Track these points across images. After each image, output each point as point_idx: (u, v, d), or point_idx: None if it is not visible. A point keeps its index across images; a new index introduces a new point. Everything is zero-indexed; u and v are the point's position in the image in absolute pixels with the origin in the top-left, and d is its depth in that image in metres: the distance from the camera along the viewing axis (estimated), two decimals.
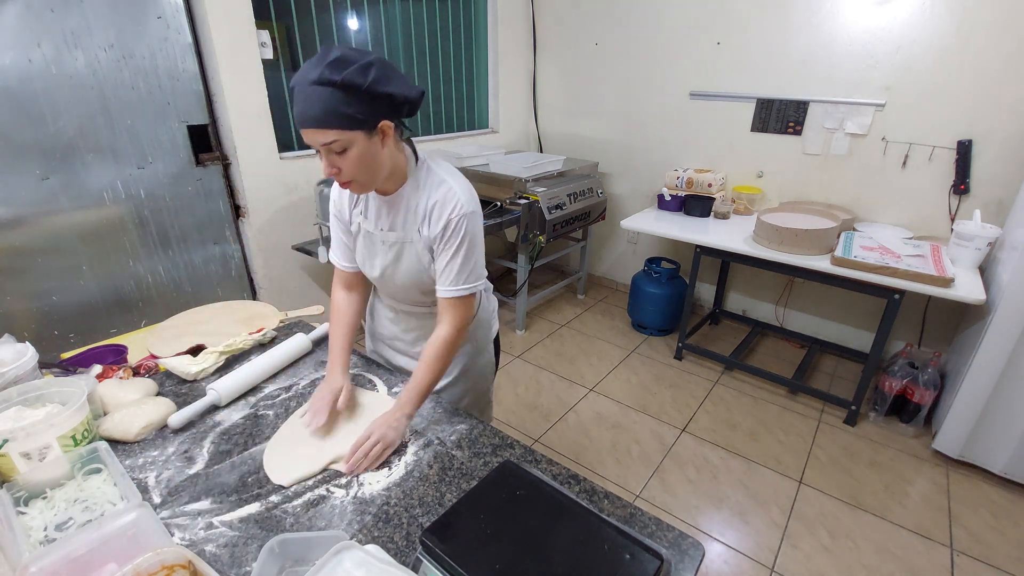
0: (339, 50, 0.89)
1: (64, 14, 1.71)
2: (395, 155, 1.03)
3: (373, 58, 0.90)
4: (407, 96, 0.96)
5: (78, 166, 1.85)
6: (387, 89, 0.92)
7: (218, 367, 1.27)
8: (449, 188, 1.07)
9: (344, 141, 0.93)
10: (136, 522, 0.77)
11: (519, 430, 2.32)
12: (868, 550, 1.76)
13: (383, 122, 0.95)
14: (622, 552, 0.68)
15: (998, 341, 1.87)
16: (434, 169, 1.10)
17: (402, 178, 1.09)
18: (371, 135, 0.95)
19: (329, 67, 0.87)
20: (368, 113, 0.92)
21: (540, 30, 3.49)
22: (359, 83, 0.88)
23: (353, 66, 0.87)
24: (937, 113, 2.32)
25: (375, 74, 0.89)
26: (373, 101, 0.91)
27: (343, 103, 0.89)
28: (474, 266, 1.11)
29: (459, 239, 1.06)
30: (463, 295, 1.10)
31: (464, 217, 1.06)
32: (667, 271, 3.04)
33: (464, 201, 1.06)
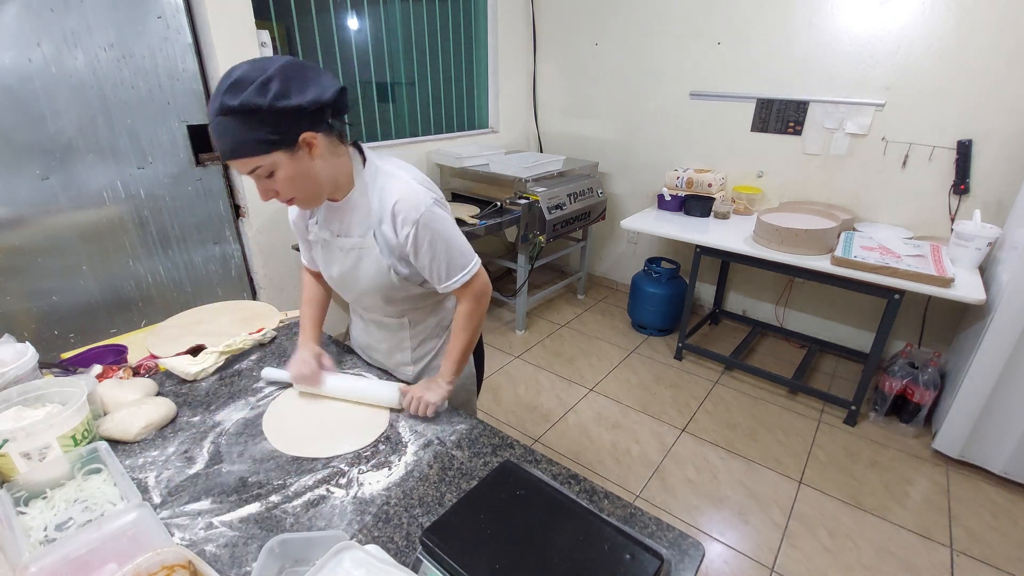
0: (237, 71, 0.83)
1: (64, 14, 1.71)
2: (334, 163, 0.97)
3: (273, 70, 0.82)
4: (320, 100, 0.87)
5: (78, 166, 1.84)
6: (293, 102, 0.84)
7: (218, 367, 1.27)
8: (402, 187, 1.01)
9: (267, 166, 0.88)
10: (136, 522, 0.77)
11: (519, 430, 2.32)
12: (868, 550, 1.76)
13: (303, 135, 0.88)
14: (622, 552, 0.68)
15: (998, 341, 1.87)
16: (382, 168, 1.04)
17: (349, 183, 1.03)
18: (294, 152, 0.88)
19: (227, 94, 0.81)
20: (280, 132, 0.85)
21: (540, 30, 3.49)
22: (259, 104, 0.81)
23: (251, 87, 0.81)
24: (937, 113, 2.32)
25: (276, 89, 0.82)
26: (281, 118, 0.84)
27: (249, 129, 0.83)
28: (458, 253, 1.07)
29: (431, 240, 1.02)
30: (461, 284, 1.08)
31: (424, 216, 0.99)
32: (667, 271, 3.04)
33: (420, 200, 1.00)
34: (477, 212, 2.81)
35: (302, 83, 0.85)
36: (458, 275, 1.07)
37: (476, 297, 1.12)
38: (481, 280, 1.12)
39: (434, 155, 3.10)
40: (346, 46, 2.63)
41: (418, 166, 3.08)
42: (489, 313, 3.36)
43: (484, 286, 1.13)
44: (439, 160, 3.08)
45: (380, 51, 2.78)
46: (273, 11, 2.29)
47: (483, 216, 2.78)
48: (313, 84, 0.87)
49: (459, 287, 1.08)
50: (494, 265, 3.69)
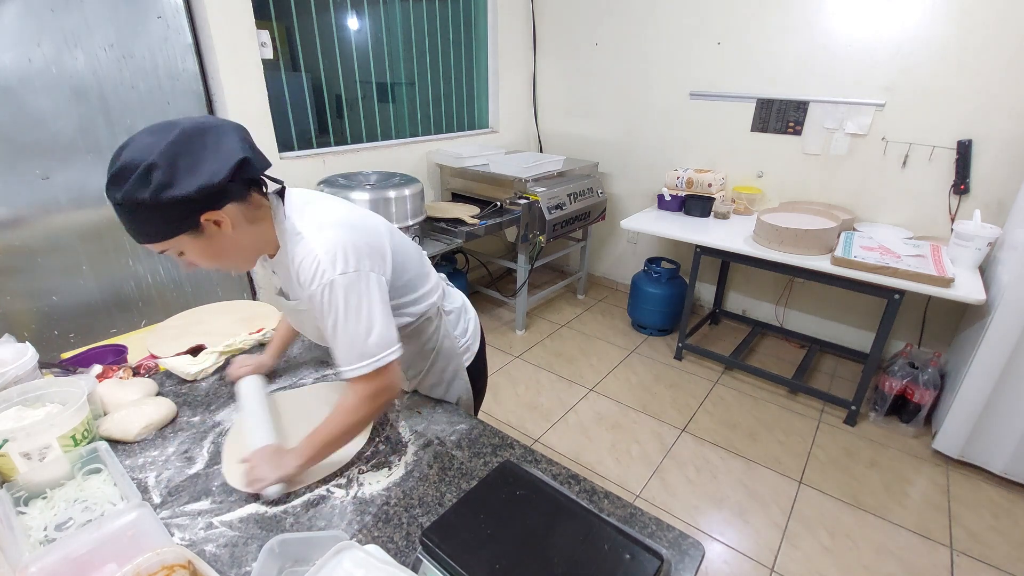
0: (124, 153, 0.74)
1: (64, 14, 1.71)
2: (252, 229, 0.87)
3: (156, 154, 0.72)
4: (211, 185, 0.75)
5: (78, 166, 1.84)
6: (178, 192, 0.73)
7: (218, 367, 1.27)
8: (306, 252, 0.86)
9: (173, 249, 0.82)
10: (136, 522, 0.77)
11: (519, 430, 2.32)
12: (868, 550, 1.76)
13: (204, 215, 0.78)
14: (622, 552, 0.68)
15: (998, 341, 1.87)
16: (296, 227, 0.89)
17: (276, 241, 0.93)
18: (198, 233, 0.80)
19: (111, 185, 0.74)
20: (173, 220, 0.77)
21: (540, 30, 3.49)
22: (142, 199, 0.72)
23: (131, 177, 0.72)
24: (937, 113, 2.32)
25: (159, 179, 0.72)
26: (170, 209, 0.74)
27: (139, 222, 0.76)
28: (359, 338, 0.88)
29: (330, 311, 0.86)
30: (358, 375, 0.89)
31: (327, 286, 0.85)
32: (667, 271, 3.04)
33: (324, 265, 0.84)
34: (477, 212, 2.81)
35: (192, 164, 0.75)
36: (357, 363, 0.89)
37: (369, 395, 0.92)
38: (384, 380, 0.92)
39: (434, 155, 3.10)
40: (346, 46, 2.63)
41: (418, 166, 3.12)
42: (489, 313, 3.36)
43: (383, 387, 0.92)
44: (439, 160, 3.08)
45: (380, 51, 2.78)
46: (273, 11, 2.29)
47: (483, 216, 2.78)
48: (205, 163, 0.75)
49: (354, 377, 0.90)
50: (494, 265, 3.70)
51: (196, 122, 0.78)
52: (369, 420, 0.97)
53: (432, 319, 1.13)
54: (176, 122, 0.77)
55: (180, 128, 0.76)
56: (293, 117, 2.47)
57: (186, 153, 0.75)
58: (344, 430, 0.93)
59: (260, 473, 0.88)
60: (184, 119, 0.78)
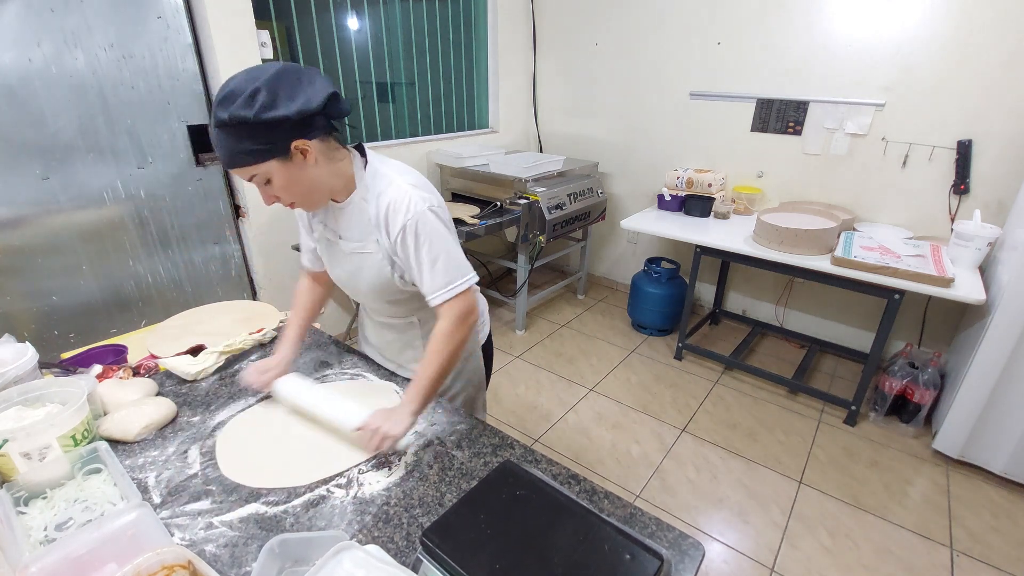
0: (231, 82, 0.84)
1: (64, 14, 1.71)
2: (331, 168, 0.97)
3: (261, 81, 0.83)
4: (307, 109, 0.86)
5: (78, 166, 1.84)
6: (279, 112, 0.84)
7: (218, 367, 1.27)
8: (397, 190, 0.99)
9: (262, 174, 0.90)
10: (136, 522, 0.77)
11: (519, 430, 2.32)
12: (868, 550, 1.76)
13: (295, 143, 0.88)
14: (622, 552, 0.68)
15: (998, 341, 1.87)
16: (380, 171, 1.03)
17: (351, 186, 1.03)
18: (287, 160, 0.90)
19: (219, 106, 0.83)
20: (269, 142, 0.86)
21: (540, 30, 3.49)
22: (245, 116, 0.82)
23: (239, 99, 0.82)
24: (937, 113, 2.32)
25: (263, 100, 0.82)
26: (269, 129, 0.85)
27: (239, 140, 0.85)
28: (449, 263, 1.01)
29: (420, 242, 0.99)
30: (450, 297, 1.02)
31: (417, 218, 0.98)
32: (667, 271, 3.04)
33: (413, 201, 0.98)
34: (477, 212, 2.81)
35: (291, 92, 0.85)
36: (444, 287, 1.01)
37: (459, 317, 1.03)
38: (469, 300, 1.04)
39: (434, 155, 3.10)
40: (346, 46, 2.63)
41: (418, 166, 3.12)
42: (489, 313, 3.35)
43: (470, 307, 1.04)
44: (439, 160, 3.08)
45: (380, 51, 2.78)
46: (273, 11, 2.29)
47: (483, 216, 2.78)
48: (302, 92, 0.86)
49: (444, 301, 1.02)
50: (494, 265, 3.69)
51: (292, 64, 0.89)
52: (465, 343, 1.05)
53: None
54: (276, 63, 0.87)
55: (281, 65, 0.87)
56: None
57: (285, 85, 0.85)
58: (447, 359, 1.03)
59: (388, 431, 0.94)
60: (280, 62, 0.88)
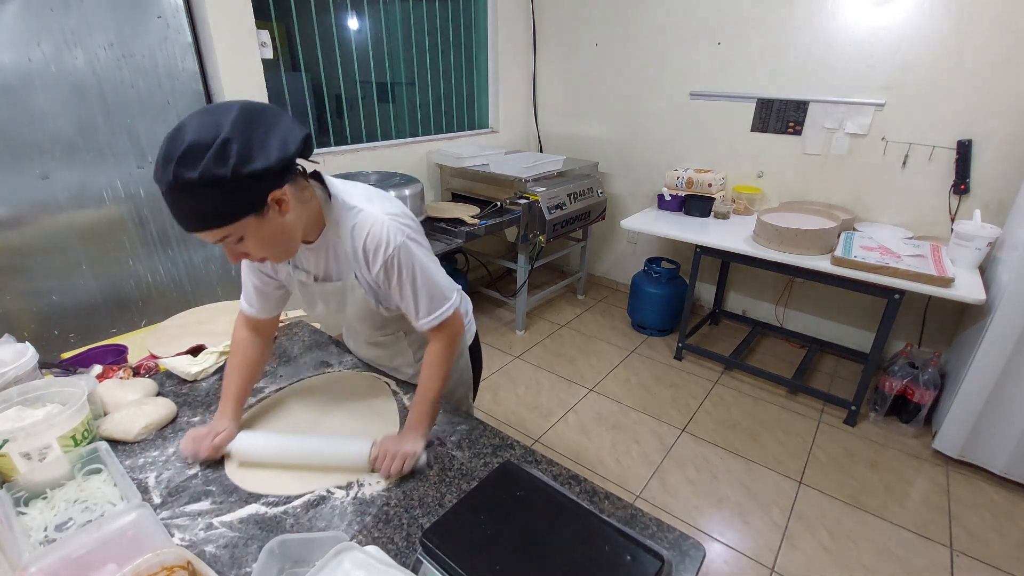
0: (187, 132, 0.72)
1: (64, 13, 1.71)
2: (303, 210, 0.90)
3: (228, 130, 0.72)
4: (287, 155, 0.78)
5: (78, 166, 1.84)
6: (259, 164, 0.74)
7: (219, 367, 1.27)
8: (372, 222, 0.93)
9: (235, 234, 0.80)
10: (136, 522, 0.77)
11: (519, 430, 2.32)
12: (868, 550, 1.76)
13: (272, 194, 0.79)
14: (623, 553, 0.68)
15: (998, 341, 1.87)
16: (349, 204, 0.95)
17: (321, 222, 0.96)
18: (263, 214, 0.80)
19: (181, 164, 0.71)
20: (247, 199, 0.77)
21: (540, 30, 3.49)
22: (222, 174, 0.72)
23: (207, 154, 0.71)
24: (937, 113, 2.32)
25: (237, 153, 0.72)
26: (247, 185, 0.75)
27: (207, 201, 0.74)
28: (434, 291, 1.01)
29: (403, 275, 0.96)
30: (439, 322, 1.02)
31: (397, 250, 0.94)
32: (667, 271, 3.04)
33: (392, 233, 0.93)
34: (477, 212, 2.81)
35: (264, 137, 0.76)
36: (432, 315, 1.01)
37: (450, 339, 1.05)
38: (456, 320, 1.06)
39: (434, 155, 3.10)
40: (346, 46, 2.62)
41: (418, 166, 3.12)
42: (489, 313, 3.36)
43: (458, 327, 1.07)
44: (439, 160, 3.08)
45: (380, 51, 2.78)
46: (273, 11, 2.29)
47: (483, 216, 2.78)
48: (275, 136, 0.78)
49: (435, 326, 1.02)
50: (494, 265, 3.69)
51: (249, 102, 0.80)
52: (456, 356, 1.11)
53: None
54: (231, 102, 0.78)
55: (240, 106, 0.77)
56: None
57: (256, 130, 0.76)
58: (445, 377, 1.06)
59: (407, 449, 0.95)
60: (233, 101, 0.79)
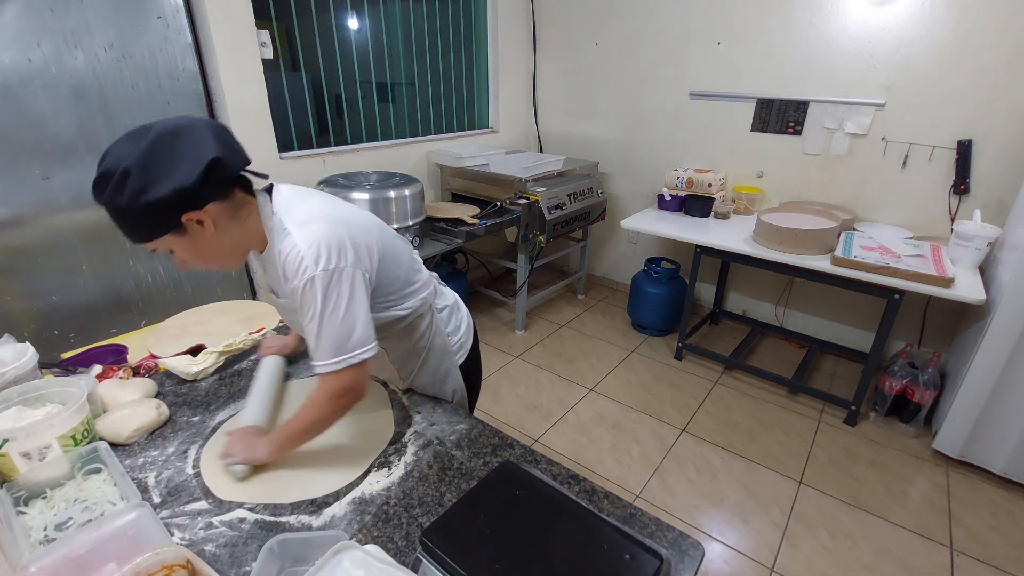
0: (105, 158, 0.77)
1: (64, 14, 1.71)
2: (238, 227, 0.88)
3: (131, 159, 0.74)
4: (183, 187, 0.76)
5: (78, 166, 1.84)
6: (151, 197, 0.75)
7: (218, 367, 1.27)
8: (291, 248, 0.87)
9: (162, 247, 0.84)
10: (136, 522, 0.77)
11: (519, 430, 2.32)
12: (868, 550, 1.76)
13: (185, 215, 0.80)
14: (622, 552, 0.68)
15: (998, 341, 1.87)
16: (283, 224, 0.90)
17: (265, 237, 0.93)
18: (182, 233, 0.82)
19: (95, 189, 0.77)
20: (156, 222, 0.80)
21: (540, 30, 3.49)
22: (120, 204, 0.75)
23: (111, 183, 0.75)
24: (937, 113, 2.32)
25: (133, 185, 0.74)
26: (149, 212, 0.77)
27: (124, 223, 0.79)
28: (340, 332, 0.89)
29: (311, 306, 0.87)
30: (328, 371, 0.90)
31: (309, 281, 0.86)
32: (667, 271, 3.04)
33: (307, 260, 0.85)
34: (477, 212, 2.81)
35: (167, 167, 0.76)
36: (327, 359, 0.90)
37: (333, 394, 0.93)
38: (353, 377, 0.92)
39: (434, 155, 3.10)
40: (346, 46, 2.63)
41: (418, 166, 3.12)
42: (489, 313, 3.36)
43: (348, 386, 0.93)
44: (439, 160, 3.08)
45: (380, 51, 2.78)
46: (273, 11, 2.29)
47: (483, 216, 2.78)
48: (178, 167, 0.77)
49: (323, 372, 0.91)
50: (494, 265, 3.70)
51: (170, 125, 0.79)
52: (333, 419, 0.97)
53: (424, 316, 1.13)
54: (151, 127, 0.78)
55: (154, 133, 0.77)
56: (293, 117, 2.48)
57: (159, 158, 0.76)
58: (309, 425, 0.96)
59: (232, 450, 0.95)
60: (159, 122, 0.79)
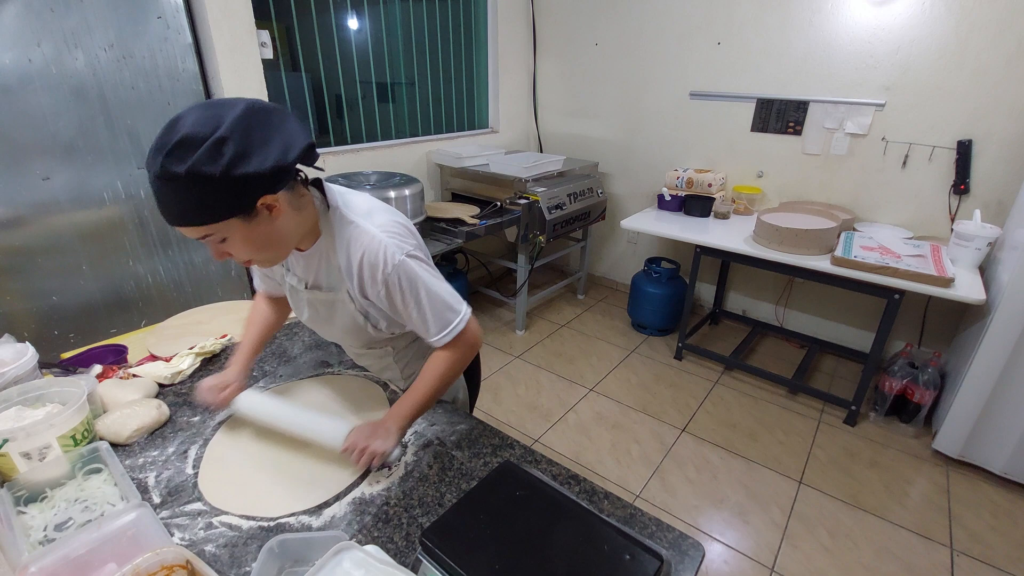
0: (185, 123, 0.69)
1: (64, 14, 1.71)
2: (297, 218, 0.86)
3: (226, 127, 0.69)
4: (284, 163, 0.74)
5: (78, 166, 1.84)
6: (253, 167, 0.71)
7: (194, 369, 1.26)
8: (369, 239, 0.89)
9: (218, 233, 0.77)
10: (136, 522, 0.77)
11: (519, 430, 2.32)
12: (868, 550, 1.76)
13: (263, 199, 0.76)
14: (622, 553, 0.68)
15: (998, 341, 1.87)
16: (347, 218, 0.91)
17: (316, 232, 0.93)
18: (250, 217, 0.77)
19: (170, 156, 0.68)
20: (234, 200, 0.73)
21: (540, 30, 3.49)
22: (211, 172, 0.68)
23: (201, 148, 0.67)
24: (937, 113, 2.32)
25: (232, 151, 0.69)
26: (237, 186, 0.71)
27: (197, 198, 0.70)
28: (441, 307, 0.95)
29: (406, 295, 0.92)
30: (453, 336, 0.97)
31: (397, 269, 0.89)
32: (667, 271, 3.04)
33: (390, 251, 0.89)
34: (477, 212, 2.81)
35: (264, 140, 0.73)
36: (443, 331, 0.96)
37: (463, 350, 1.01)
38: (471, 331, 1.00)
39: (434, 155, 3.10)
40: (346, 46, 2.63)
41: (418, 166, 3.12)
42: (489, 313, 3.36)
43: (474, 336, 1.01)
44: (439, 160, 3.08)
45: (380, 51, 2.78)
46: (273, 11, 2.29)
47: (483, 216, 2.78)
48: (276, 141, 0.74)
49: (448, 341, 0.97)
50: (494, 265, 3.70)
51: (256, 101, 0.75)
52: (465, 365, 1.04)
53: None
54: (235, 100, 0.74)
55: (244, 104, 0.73)
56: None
57: (257, 131, 0.72)
58: (442, 382, 1.01)
59: (377, 447, 0.90)
60: (239, 98, 0.75)
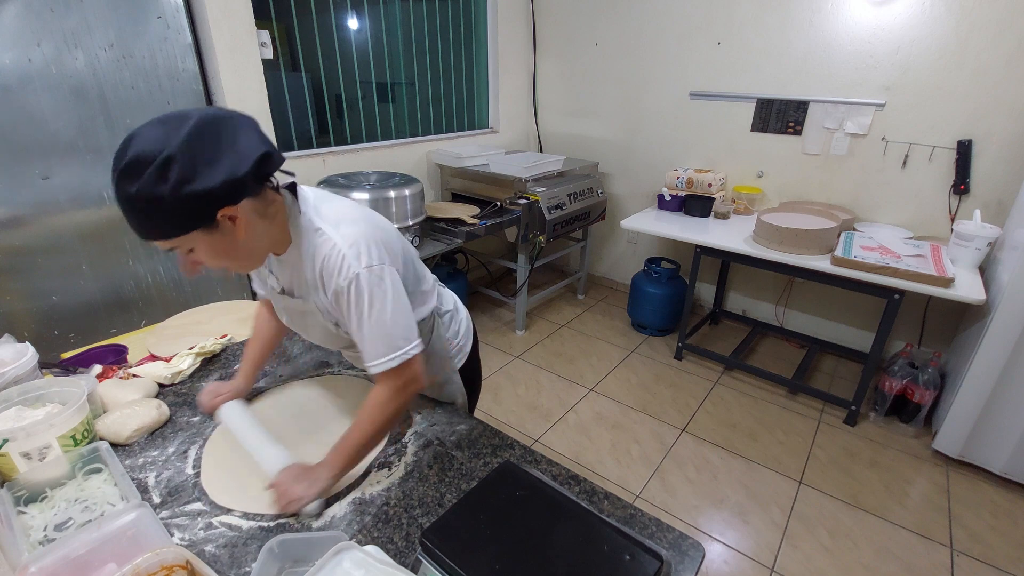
0: (135, 144, 0.69)
1: (64, 14, 1.71)
2: (265, 226, 0.84)
3: (174, 146, 0.68)
4: (235, 178, 0.72)
5: (78, 166, 1.84)
6: (201, 185, 0.69)
7: (194, 368, 1.26)
8: (330, 248, 0.86)
9: (183, 245, 0.77)
10: (136, 522, 0.77)
11: (519, 430, 2.32)
12: (868, 550, 1.76)
13: (223, 210, 0.74)
14: (622, 553, 0.68)
15: (998, 341, 1.87)
16: (315, 224, 0.88)
17: (288, 238, 0.90)
18: (212, 230, 0.76)
19: (123, 176, 0.68)
20: (191, 216, 0.72)
21: (540, 30, 3.49)
22: (160, 193, 0.68)
23: (148, 170, 0.67)
24: (937, 113, 2.32)
25: (177, 173, 0.68)
26: (190, 204, 0.70)
27: (154, 215, 0.71)
28: (389, 329, 0.89)
29: (353, 305, 0.87)
30: (390, 367, 0.90)
31: (354, 280, 0.85)
32: (667, 271, 3.04)
33: (350, 259, 0.85)
34: (477, 212, 2.81)
35: (213, 156, 0.71)
36: (383, 357, 0.90)
37: (398, 388, 0.93)
38: (411, 371, 0.93)
39: (434, 155, 3.10)
40: (346, 46, 2.63)
41: (418, 166, 3.12)
42: (489, 313, 3.36)
43: (411, 377, 0.94)
44: (439, 160, 3.08)
45: (380, 51, 2.78)
46: (273, 11, 2.29)
47: (483, 216, 2.78)
48: (226, 155, 0.72)
49: (383, 371, 0.91)
50: (494, 265, 3.70)
51: (209, 113, 0.73)
52: (400, 414, 0.97)
53: (426, 321, 1.11)
54: (188, 112, 0.72)
55: (195, 119, 0.71)
56: (293, 117, 2.48)
57: (206, 148, 0.71)
58: (378, 428, 0.93)
59: (296, 493, 0.86)
60: (194, 109, 0.73)
